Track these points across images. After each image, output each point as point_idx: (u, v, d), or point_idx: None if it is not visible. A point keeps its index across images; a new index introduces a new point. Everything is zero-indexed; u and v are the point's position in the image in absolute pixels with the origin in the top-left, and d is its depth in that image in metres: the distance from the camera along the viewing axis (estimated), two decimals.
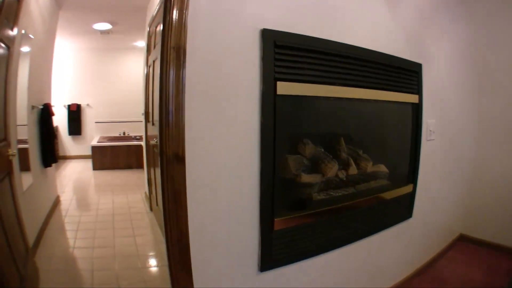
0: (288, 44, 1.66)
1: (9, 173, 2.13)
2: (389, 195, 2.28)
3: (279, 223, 1.71)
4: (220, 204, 1.58)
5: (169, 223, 1.50)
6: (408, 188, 2.42)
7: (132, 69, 7.52)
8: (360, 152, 2.25)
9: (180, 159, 1.46)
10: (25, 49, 2.66)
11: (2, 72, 2.00)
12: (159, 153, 1.51)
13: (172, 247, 1.48)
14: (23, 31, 2.52)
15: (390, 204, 2.31)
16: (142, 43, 6.80)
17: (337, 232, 2.02)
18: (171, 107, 1.46)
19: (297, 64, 1.71)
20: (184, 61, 1.45)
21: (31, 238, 2.62)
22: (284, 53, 1.66)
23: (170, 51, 1.46)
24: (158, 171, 2.80)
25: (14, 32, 2.12)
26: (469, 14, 3.03)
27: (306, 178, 1.93)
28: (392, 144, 2.41)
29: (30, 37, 2.81)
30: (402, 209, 2.46)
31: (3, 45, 1.92)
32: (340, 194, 2.05)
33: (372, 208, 2.19)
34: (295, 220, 1.79)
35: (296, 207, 1.87)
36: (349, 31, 1.92)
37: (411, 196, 2.48)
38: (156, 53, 2.88)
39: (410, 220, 2.53)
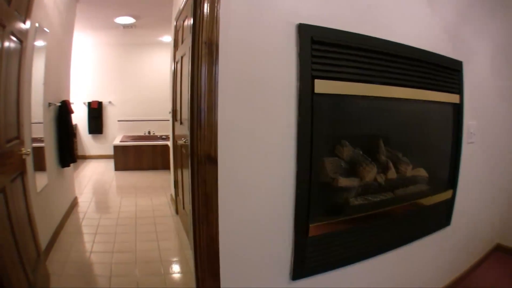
0: (325, 40, 1.68)
1: (22, 173, 2.20)
2: (428, 201, 2.28)
3: (314, 229, 1.73)
4: (252, 208, 1.60)
5: (198, 228, 1.52)
6: (447, 194, 2.43)
7: (157, 65, 7.71)
8: (400, 155, 2.25)
9: (212, 160, 1.48)
10: (39, 43, 2.75)
11: (15, 67, 2.07)
12: (190, 154, 1.54)
13: (201, 253, 1.50)
14: (36, 24, 2.60)
15: (429, 211, 2.31)
16: (168, 38, 6.95)
17: (374, 240, 2.02)
18: (203, 105, 1.49)
19: (335, 61, 1.72)
20: (216, 57, 1.48)
21: (43, 242, 2.71)
22: (321, 49, 1.67)
23: (202, 46, 1.47)
24: (185, 172, 2.89)
25: (26, 25, 2.19)
26: (505, 7, 2.91)
27: (343, 181, 1.94)
28: (431, 146, 2.41)
29: (45, 31, 2.91)
30: (441, 217, 2.46)
31: (14, 39, 1.98)
32: (378, 199, 2.05)
33: (409, 214, 2.19)
34: (330, 226, 1.81)
35: (332, 213, 1.89)
36: (387, 27, 1.92)
37: (450, 202, 2.48)
38: (184, 48, 2.88)
39: (448, 229, 2.53)
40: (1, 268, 1.52)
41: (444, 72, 2.26)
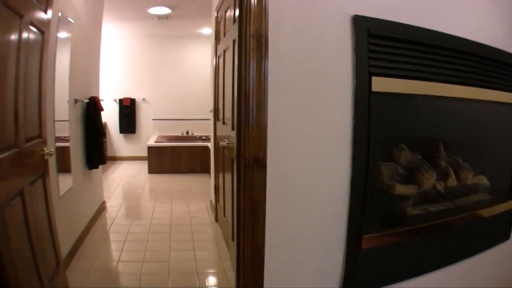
0: (382, 33, 1.71)
1: (44, 174, 2.27)
2: (487, 212, 2.29)
3: (367, 241, 1.75)
4: (301, 216, 1.62)
5: (243, 237, 1.55)
6: (507, 205, 2.43)
7: (196, 59, 7.85)
8: (460, 160, 2.28)
9: (261, 164, 1.51)
10: (63, 35, 2.84)
11: (36, 60, 2.13)
12: (236, 157, 1.62)
13: (244, 265, 1.52)
14: (59, 14, 2.69)
15: (488, 223, 2.33)
16: (208, 30, 7.04)
17: (429, 254, 2.04)
18: (252, 103, 1.52)
19: (392, 56, 1.76)
20: (266, 51, 1.51)
21: (65, 249, 2.79)
22: (379, 44, 1.71)
23: (250, 40, 1.50)
24: (227, 176, 2.97)
25: (48, 15, 2.25)
26: None
27: (400, 189, 1.98)
28: (492, 151, 2.43)
29: (69, 21, 3.01)
30: (500, 229, 2.47)
31: (35, 29, 2.04)
32: (436, 209, 2.09)
33: (467, 227, 2.20)
34: (384, 237, 1.84)
35: (387, 223, 1.93)
36: (448, 19, 1.92)
37: (511, 214, 2.48)
38: (227, 41, 2.91)
39: (508, 243, 2.53)
40: (13, 278, 1.55)
41: (510, 70, 2.27)
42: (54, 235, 2.29)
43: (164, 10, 5.72)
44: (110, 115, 7.62)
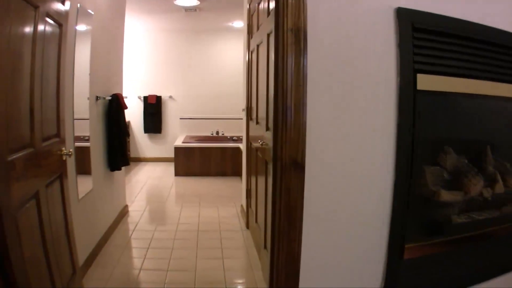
0: (428, 28, 1.73)
1: (61, 176, 2.30)
2: None
3: (409, 251, 1.78)
4: (340, 224, 1.67)
5: (277, 245, 1.58)
6: None
7: (227, 54, 7.90)
8: (508, 165, 2.26)
9: (299, 166, 1.54)
10: (82, 27, 2.89)
11: (53, 54, 2.17)
12: (272, 159, 1.67)
13: (278, 275, 1.56)
14: (78, 5, 2.73)
15: None
16: (239, 24, 7.07)
17: (476, 265, 2.04)
18: (290, 102, 1.55)
19: (439, 52, 1.76)
20: (305, 46, 1.53)
21: (82, 256, 2.83)
22: (424, 39, 1.72)
23: (287, 34, 1.52)
24: (261, 180, 3.02)
25: (66, 6, 2.29)
26: None
27: (445, 195, 1.99)
28: None
29: (89, 13, 3.06)
30: None
31: (51, 21, 2.07)
32: (483, 217, 2.09)
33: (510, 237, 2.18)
34: (428, 247, 1.86)
35: (430, 231, 1.95)
36: (499, 14, 1.90)
37: None
38: (261, 35, 2.93)
39: None
40: (25, 287, 1.57)
41: None
42: (71, 241, 2.32)
43: (192, 2, 5.76)
44: (134, 114, 7.76)
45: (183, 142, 7.04)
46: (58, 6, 2.16)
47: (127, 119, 4.28)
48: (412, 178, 1.76)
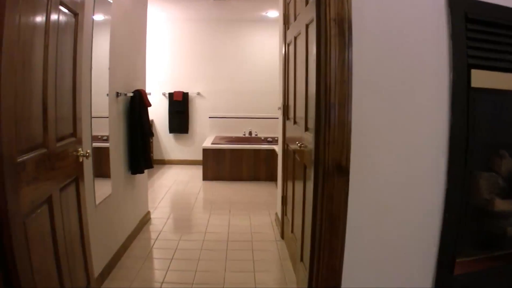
0: (483, 18, 1.71)
1: (77, 179, 2.33)
2: None
3: (460, 266, 1.76)
4: (385, 235, 1.67)
5: (317, 257, 1.58)
6: None
7: (261, 47, 7.89)
8: None
9: (343, 171, 1.55)
10: (100, 17, 2.93)
11: (68, 46, 2.20)
12: (314, 162, 1.63)
13: None
14: None
15: None
16: (274, 13, 7.05)
17: None
18: (333, 100, 1.55)
19: (495, 45, 1.74)
20: (349, 39, 1.54)
21: (98, 267, 2.85)
22: (479, 30, 1.71)
23: (330, 25, 1.52)
24: (298, 185, 3.04)
25: None
26: None
27: (500, 204, 1.98)
28: None
29: (107, 1, 3.10)
30: None
31: (66, 10, 2.10)
32: None
33: None
34: (480, 262, 1.84)
35: (483, 244, 1.93)
36: None
37: None
38: (299, 26, 2.94)
39: None
40: None
41: None
42: (86, 250, 2.34)
43: None
44: (158, 112, 7.81)
45: (212, 143, 7.07)
46: None
47: (150, 117, 4.32)
48: (465, 186, 1.75)
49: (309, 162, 2.33)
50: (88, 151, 2.44)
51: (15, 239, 1.49)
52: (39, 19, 1.76)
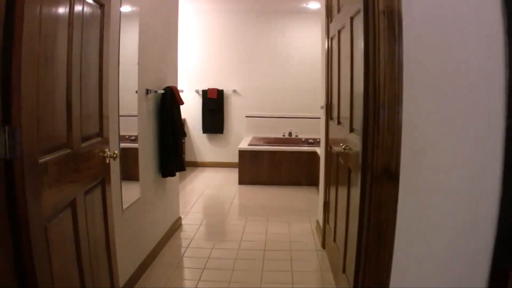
0: None
1: (103, 181, 2.35)
2: None
3: None
4: (435, 243, 1.68)
5: (362, 268, 1.59)
6: None
7: (302, 42, 7.85)
8: None
9: (392, 176, 1.53)
10: (128, 8, 2.95)
11: (94, 40, 2.22)
12: (361, 166, 1.61)
13: None
14: None
15: None
16: (315, 5, 7.05)
17: None
18: (383, 100, 1.55)
19: None
20: (400, 33, 1.52)
21: (124, 275, 2.88)
22: None
23: (379, 18, 1.52)
24: (341, 191, 3.05)
25: None
26: None
27: None
28: None
29: None
30: None
31: (91, 1, 2.13)
32: None
33: None
34: None
35: None
36: None
37: None
38: (343, 19, 2.93)
39: None
40: None
41: None
42: (112, 257, 2.36)
43: None
44: (190, 110, 7.91)
45: (249, 145, 7.09)
46: None
47: (182, 116, 4.35)
48: None
49: (355, 165, 2.31)
50: (115, 151, 2.46)
51: (35, 245, 1.50)
52: (62, 10, 1.78)
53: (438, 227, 1.68)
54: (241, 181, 6.78)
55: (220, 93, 8.00)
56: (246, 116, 8.12)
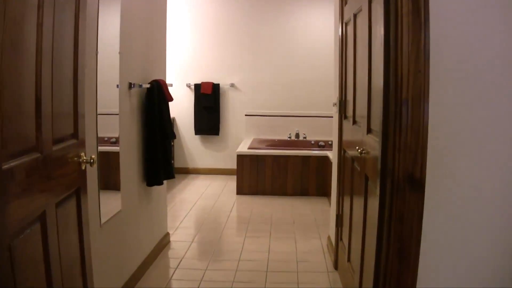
0: None
1: (79, 191, 2.34)
2: None
3: None
4: (467, 264, 1.70)
5: None
6: None
7: (311, 28, 7.88)
8: None
9: (417, 184, 1.53)
10: None
11: (68, 26, 2.21)
12: (380, 173, 1.60)
13: None
14: None
15: None
16: None
17: None
18: (406, 95, 1.55)
19: None
20: (426, 18, 1.51)
21: None
22: None
23: (402, 0, 1.51)
24: (357, 202, 3.07)
25: None
26: None
27: None
28: None
29: None
30: None
31: None
32: None
33: None
34: None
35: None
36: None
37: None
38: (359, 1, 2.95)
39: None
40: None
41: None
42: (88, 279, 2.35)
43: None
44: (181, 108, 7.91)
45: (249, 148, 7.10)
46: None
47: (172, 115, 4.35)
48: None
49: (373, 172, 2.31)
50: (92, 156, 2.44)
51: None
52: None
53: (470, 245, 1.69)
54: (240, 191, 6.81)
55: (215, 87, 8.00)
56: (245, 115, 8.15)
